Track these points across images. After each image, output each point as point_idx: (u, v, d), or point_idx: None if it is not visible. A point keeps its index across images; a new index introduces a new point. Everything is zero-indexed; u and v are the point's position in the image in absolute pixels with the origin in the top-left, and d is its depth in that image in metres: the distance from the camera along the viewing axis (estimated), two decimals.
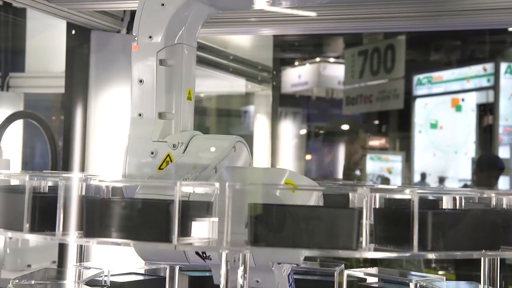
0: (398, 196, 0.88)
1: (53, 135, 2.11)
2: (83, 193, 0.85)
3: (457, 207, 0.87)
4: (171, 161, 1.04)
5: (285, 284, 1.03)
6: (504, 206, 0.84)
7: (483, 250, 0.79)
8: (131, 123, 1.08)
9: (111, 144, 1.86)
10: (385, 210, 0.83)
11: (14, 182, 0.93)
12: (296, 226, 0.75)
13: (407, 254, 0.76)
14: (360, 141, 3.44)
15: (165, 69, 1.08)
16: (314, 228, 0.74)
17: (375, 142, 9.93)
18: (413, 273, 1.19)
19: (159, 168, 1.04)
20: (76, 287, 0.98)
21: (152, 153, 1.04)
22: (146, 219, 0.77)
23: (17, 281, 0.99)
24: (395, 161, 8.65)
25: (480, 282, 1.06)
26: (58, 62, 2.60)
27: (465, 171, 7.39)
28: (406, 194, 0.77)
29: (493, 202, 0.85)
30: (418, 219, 0.75)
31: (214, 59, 2.81)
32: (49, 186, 0.93)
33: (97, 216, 0.79)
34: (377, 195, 0.81)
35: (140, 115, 1.07)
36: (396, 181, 8.19)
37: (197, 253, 0.94)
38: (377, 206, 0.81)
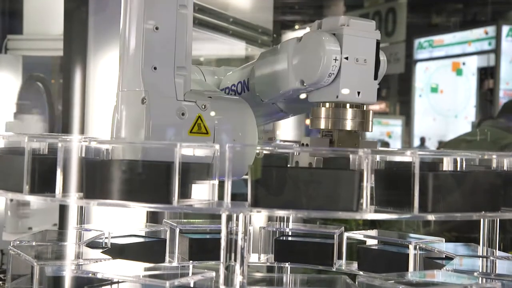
0: (399, 158, 0.88)
1: (52, 99, 2.10)
2: (83, 155, 0.85)
3: (458, 169, 0.87)
4: (203, 124, 0.98)
5: None
6: (504, 168, 0.84)
7: (483, 212, 0.79)
8: (144, 77, 0.96)
9: (111, 107, 1.85)
10: (386, 172, 0.83)
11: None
12: (296, 188, 0.75)
13: (408, 216, 0.76)
14: None
15: (184, 15, 0.97)
16: (315, 190, 0.74)
17: (375, 107, 9.92)
18: (412, 235, 1.19)
19: (191, 132, 0.97)
20: (77, 248, 0.98)
21: (183, 114, 0.97)
22: (146, 180, 0.77)
23: (18, 242, 0.99)
24: (395, 126, 8.66)
25: (479, 244, 1.07)
26: (56, 24, 2.58)
27: None
28: (407, 156, 0.77)
29: (494, 164, 0.85)
30: (418, 181, 0.75)
31: (214, 22, 2.78)
32: (48, 149, 0.93)
33: (97, 178, 0.79)
34: (378, 157, 0.80)
35: (155, 68, 0.96)
36: (395, 145, 8.20)
37: None
38: (378, 168, 0.81)
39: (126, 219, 1.40)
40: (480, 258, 1.01)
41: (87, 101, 1.93)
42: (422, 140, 7.91)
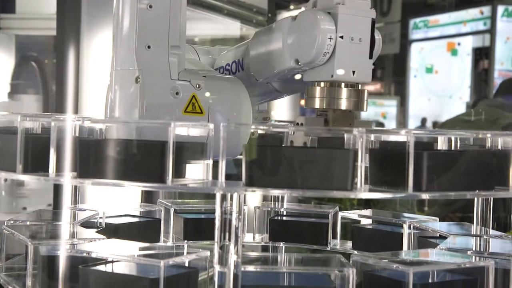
0: (393, 137, 0.88)
1: (47, 79, 2.09)
2: (77, 135, 0.84)
3: (452, 148, 0.87)
4: (198, 103, 0.97)
5: None
6: (499, 147, 0.84)
7: (477, 191, 0.79)
8: (137, 56, 0.95)
9: (105, 86, 1.84)
10: (380, 151, 0.82)
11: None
12: (291, 168, 0.74)
13: (402, 195, 0.76)
14: None
15: None
16: (309, 169, 0.74)
17: (370, 87, 9.91)
18: (406, 214, 1.20)
19: (185, 111, 0.97)
20: (71, 228, 0.98)
21: (177, 93, 0.96)
22: (140, 160, 0.77)
23: (12, 222, 0.99)
24: (390, 106, 8.66)
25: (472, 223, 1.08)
26: (49, 3, 2.56)
27: None
28: (402, 135, 0.77)
29: (488, 143, 0.85)
30: (413, 160, 0.75)
31: (209, 1, 2.76)
32: (42, 128, 0.93)
33: (91, 157, 0.79)
34: (372, 136, 0.80)
35: (148, 47, 0.95)
36: (390, 126, 8.21)
37: None
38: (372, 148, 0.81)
39: (121, 199, 1.40)
40: (474, 237, 1.02)
41: (80, 80, 1.92)
42: (423, 120, 7.91)
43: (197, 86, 0.97)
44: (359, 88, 0.96)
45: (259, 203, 1.29)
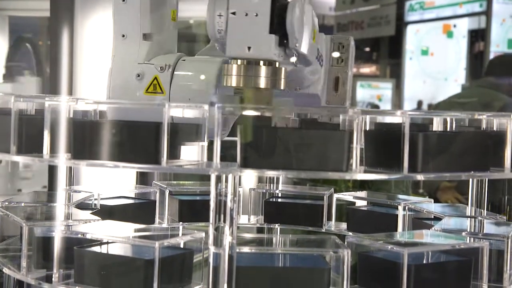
0: (389, 118, 0.88)
1: (41, 60, 2.07)
2: (71, 116, 0.84)
3: (448, 130, 0.87)
4: (159, 84, 1.02)
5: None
6: (494, 128, 0.84)
7: (472, 172, 0.79)
8: (114, 44, 1.05)
9: (99, 68, 1.83)
10: (376, 132, 0.82)
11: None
12: (286, 149, 0.74)
13: (397, 176, 0.76)
14: None
15: None
16: (305, 151, 0.74)
17: (365, 69, 9.90)
18: (401, 196, 1.20)
19: (147, 91, 1.02)
20: (66, 209, 0.98)
21: (139, 75, 1.02)
22: (134, 141, 0.76)
23: (6, 203, 0.99)
24: (385, 88, 8.65)
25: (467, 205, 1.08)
26: None
27: None
28: (397, 116, 0.77)
29: (484, 124, 0.85)
30: (408, 141, 0.75)
31: None
32: (36, 109, 0.92)
33: (86, 138, 0.78)
34: (368, 117, 0.80)
35: (123, 36, 1.04)
36: (386, 108, 8.21)
37: None
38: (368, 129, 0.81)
39: (116, 181, 1.40)
40: (468, 218, 1.02)
41: (75, 62, 1.91)
42: (419, 103, 7.90)
43: (160, 68, 1.02)
44: (276, 65, 0.95)
45: (254, 185, 1.30)
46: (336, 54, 1.13)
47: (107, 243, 0.82)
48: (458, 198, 2.62)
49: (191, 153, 0.82)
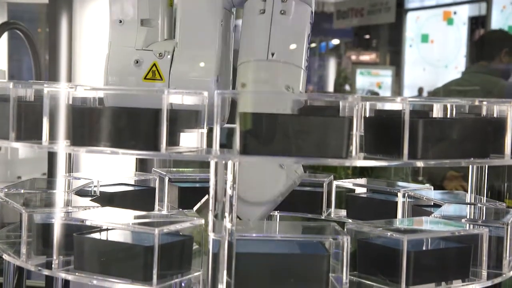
0: (389, 105, 0.88)
1: (36, 47, 2.06)
2: (70, 103, 0.84)
3: (448, 116, 0.87)
4: (158, 71, 1.02)
5: None
6: (494, 115, 0.83)
7: (472, 158, 0.79)
8: (111, 30, 1.04)
9: (99, 56, 1.82)
10: (376, 119, 0.82)
11: None
12: (286, 135, 0.74)
13: (397, 163, 0.76)
14: None
15: None
16: (304, 137, 0.74)
17: (365, 57, 9.88)
18: (400, 183, 1.20)
19: (145, 78, 1.02)
20: (66, 196, 0.98)
21: (137, 61, 1.02)
22: (134, 127, 0.76)
23: (6, 190, 0.99)
24: (385, 76, 8.63)
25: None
26: None
27: None
28: (397, 103, 0.77)
29: (484, 110, 0.84)
30: (408, 127, 0.74)
31: None
32: (35, 96, 0.92)
33: (85, 125, 0.78)
34: (368, 103, 0.80)
35: (120, 21, 1.04)
36: (385, 95, 8.19)
37: None
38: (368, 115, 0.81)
39: (115, 168, 1.39)
40: (468, 205, 1.02)
41: (73, 49, 1.90)
42: (420, 90, 7.87)
43: (159, 55, 1.01)
44: None
45: None
46: None
47: (107, 229, 0.82)
48: (464, 188, 2.62)
49: (191, 141, 0.82)
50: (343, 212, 1.20)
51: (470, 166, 1.04)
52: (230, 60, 1.11)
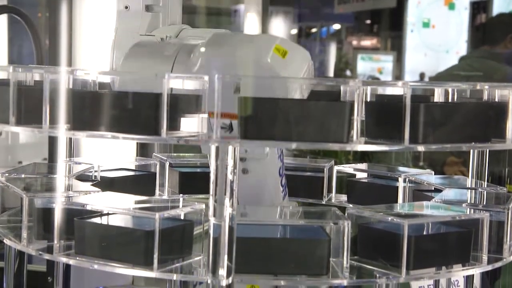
0: (390, 90, 0.87)
1: (37, 31, 2.05)
2: (70, 87, 0.83)
3: (449, 100, 0.86)
4: None
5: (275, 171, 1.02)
6: (496, 99, 0.83)
7: (473, 143, 0.79)
8: (117, 16, 1.05)
9: (99, 41, 1.82)
10: (377, 103, 0.82)
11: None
12: (287, 119, 0.74)
13: (398, 147, 0.76)
14: None
15: None
16: (305, 122, 0.74)
17: (366, 42, 9.85)
18: (401, 168, 1.20)
19: None
20: (67, 181, 0.98)
21: None
22: (134, 111, 0.76)
23: (6, 174, 0.99)
24: (386, 61, 8.61)
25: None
26: None
27: None
28: (399, 87, 0.76)
29: (485, 95, 0.84)
30: (409, 112, 0.74)
31: None
32: (35, 81, 0.92)
33: (85, 109, 0.78)
34: (369, 88, 0.79)
35: (126, 7, 1.04)
36: None
37: None
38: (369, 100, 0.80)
39: (116, 153, 1.39)
40: (469, 190, 1.02)
41: (74, 34, 1.89)
42: (422, 75, 7.85)
43: (161, 40, 1.02)
44: None
45: None
46: None
47: (108, 214, 0.82)
48: (464, 173, 2.62)
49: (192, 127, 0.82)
50: (344, 197, 1.21)
51: (471, 151, 1.03)
52: None
